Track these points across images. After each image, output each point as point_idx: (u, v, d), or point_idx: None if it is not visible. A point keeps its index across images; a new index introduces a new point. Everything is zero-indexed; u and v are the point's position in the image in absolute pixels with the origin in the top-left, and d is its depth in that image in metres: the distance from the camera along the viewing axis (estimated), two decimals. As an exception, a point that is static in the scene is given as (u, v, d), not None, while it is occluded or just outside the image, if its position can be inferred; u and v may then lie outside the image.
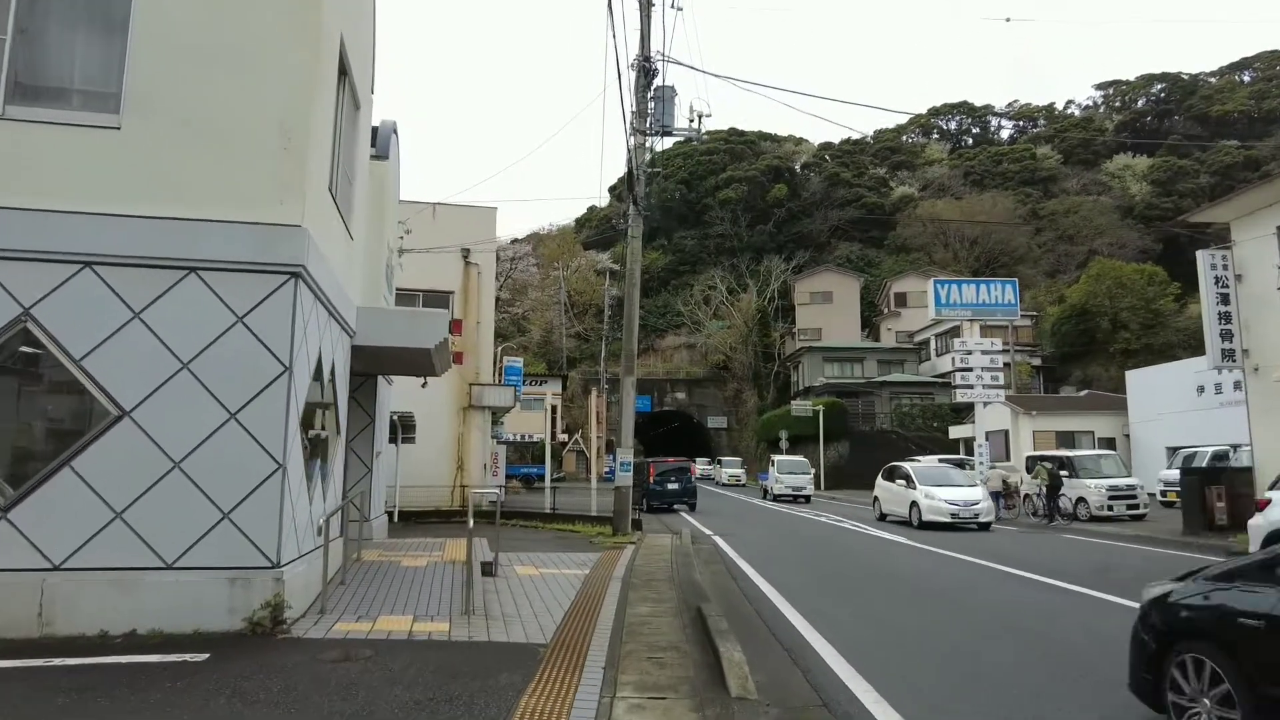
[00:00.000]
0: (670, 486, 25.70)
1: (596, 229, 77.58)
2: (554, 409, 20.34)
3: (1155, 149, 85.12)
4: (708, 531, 18.37)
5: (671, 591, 9.82)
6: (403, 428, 19.35)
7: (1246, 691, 3.98)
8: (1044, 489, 20.83)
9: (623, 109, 16.58)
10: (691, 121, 17.14)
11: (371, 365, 12.29)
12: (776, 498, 32.01)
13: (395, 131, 14.89)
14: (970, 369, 29.98)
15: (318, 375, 8.31)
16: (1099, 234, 70.75)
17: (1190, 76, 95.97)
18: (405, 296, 21.36)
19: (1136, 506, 19.37)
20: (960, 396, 30.04)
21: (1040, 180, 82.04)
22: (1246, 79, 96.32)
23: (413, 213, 21.50)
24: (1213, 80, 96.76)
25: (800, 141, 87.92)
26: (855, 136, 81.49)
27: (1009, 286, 31.06)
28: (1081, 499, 19.39)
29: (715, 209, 73.83)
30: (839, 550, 15.19)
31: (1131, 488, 19.56)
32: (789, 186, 77.69)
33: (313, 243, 7.48)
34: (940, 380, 46.39)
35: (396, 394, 19.90)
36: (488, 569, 10.47)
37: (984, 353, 30.18)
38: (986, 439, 30.46)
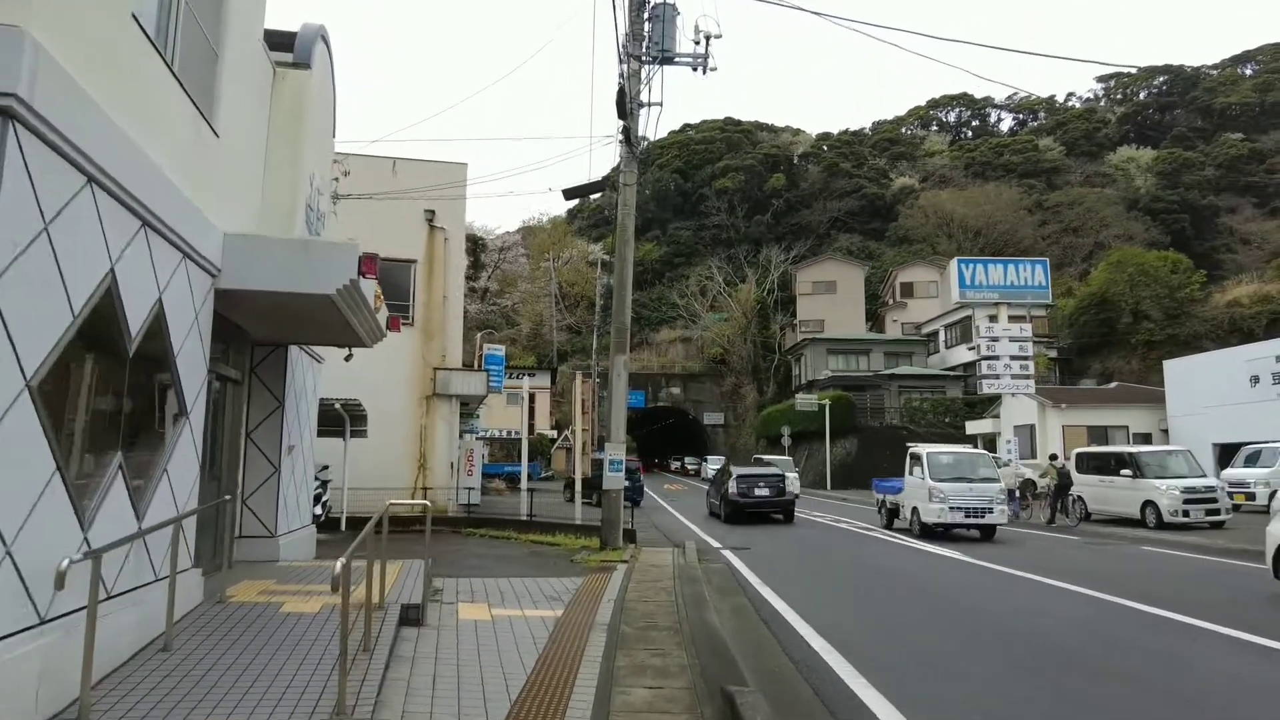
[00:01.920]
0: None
1: (589, 219, 74.37)
2: (532, 397, 17.03)
3: (1161, 140, 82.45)
4: (715, 544, 15.09)
5: (680, 651, 6.54)
6: (350, 419, 16.04)
7: (712, 496, 23.32)
8: (1051, 488, 19.27)
9: (615, 27, 13.30)
10: (697, 44, 13.85)
11: (265, 325, 8.97)
12: (932, 530, 15.94)
13: (325, 40, 11.55)
14: (997, 357, 26.91)
15: (106, 316, 5.01)
16: (1104, 226, 68.02)
17: (1192, 69, 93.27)
18: (359, 266, 18.01)
19: (1217, 512, 16.16)
20: (987, 387, 26.96)
21: (1043, 172, 79.15)
22: (1249, 72, 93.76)
23: (369, 167, 18.21)
24: (1214, 73, 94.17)
25: (798, 132, 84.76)
26: (852, 128, 78.40)
27: (1039, 267, 27.99)
28: (1150, 503, 16.17)
29: (711, 199, 70.50)
30: (881, 570, 11.96)
31: (1211, 489, 16.35)
32: (787, 177, 74.48)
33: (56, 69, 4.16)
34: (952, 373, 43.27)
35: (339, 377, 16.57)
36: (412, 615, 7.18)
37: (1012, 339, 27.11)
38: (1015, 434, 27.35)
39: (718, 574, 11.20)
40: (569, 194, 13.44)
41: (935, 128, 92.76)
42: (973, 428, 34.95)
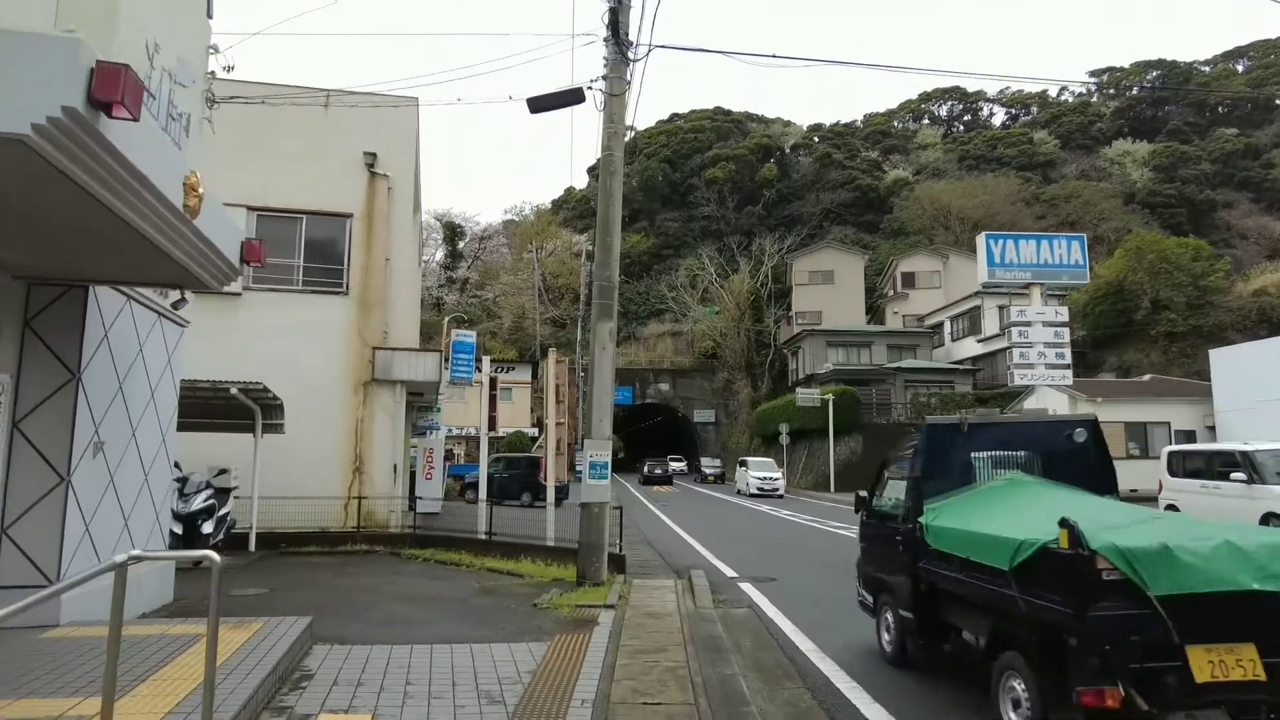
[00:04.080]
0: None
1: (574, 209, 70.71)
2: (494, 382, 13.43)
3: (1155, 135, 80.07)
4: (728, 571, 11.47)
5: None
6: (261, 410, 12.35)
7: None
8: None
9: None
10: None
11: (11, 242, 5.27)
12: None
13: None
14: (1030, 344, 23.53)
15: None
16: (1102, 219, 65.33)
17: (1185, 65, 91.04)
18: (279, 220, 14.34)
19: (1358, 527, 12.76)
20: (1019, 378, 23.56)
21: (1038, 165, 76.37)
22: (1240, 68, 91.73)
23: (296, 101, 14.53)
24: (1207, 69, 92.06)
25: (788, 124, 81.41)
26: (843, 120, 75.09)
27: (1075, 243, 24.63)
28: (1273, 515, 12.73)
29: (701, 189, 66.89)
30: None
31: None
32: (779, 167, 71.10)
33: None
34: (961, 367, 39.93)
35: (241, 354, 12.94)
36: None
37: (1046, 324, 23.75)
38: (1050, 431, 23.97)
39: (746, 630, 7.59)
40: (535, 105, 9.86)
41: (927, 121, 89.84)
42: (991, 424, 31.57)
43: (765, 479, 31.33)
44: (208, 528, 10.97)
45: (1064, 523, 4.02)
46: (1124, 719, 3.68)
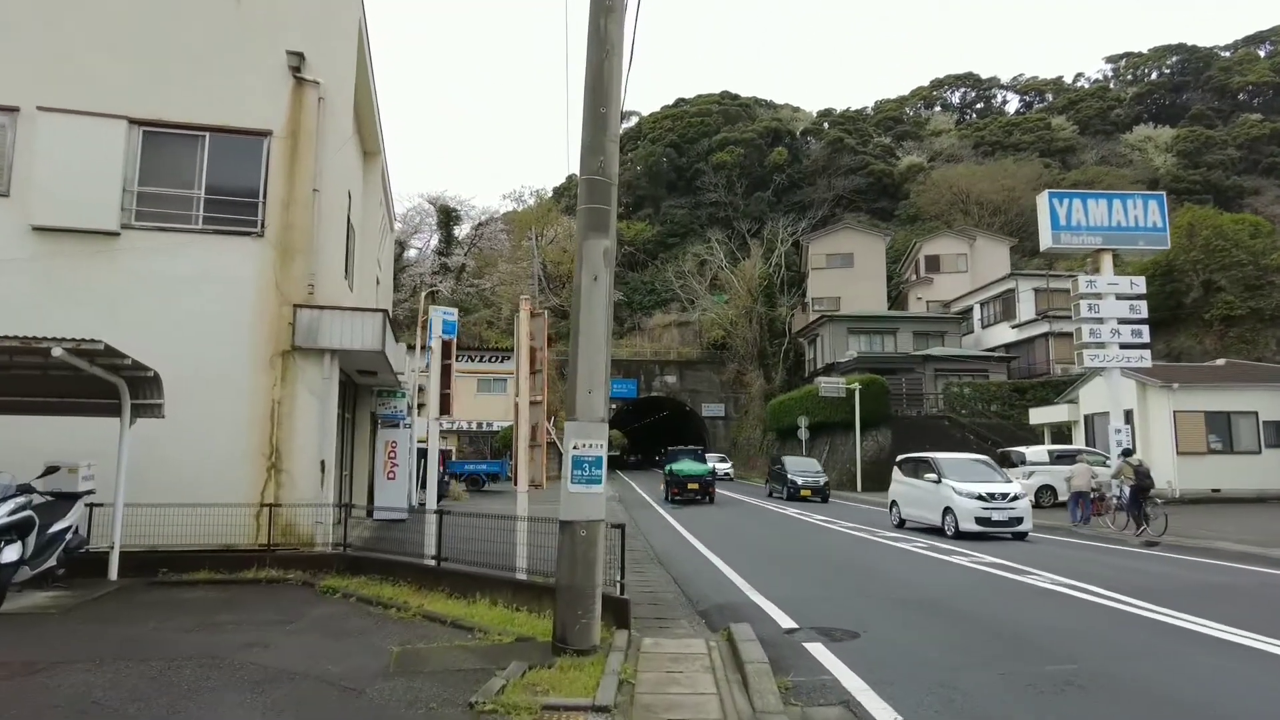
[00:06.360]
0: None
1: (576, 198, 67.15)
2: (445, 347, 9.73)
3: (1176, 120, 76.10)
4: (784, 620, 7.74)
5: None
6: (131, 386, 8.75)
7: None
8: (1125, 490, 15.91)
9: None
10: None
11: None
12: None
13: None
14: (1101, 320, 19.81)
15: None
16: (1127, 206, 61.30)
17: (1206, 49, 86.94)
18: (173, 138, 10.74)
19: None
20: (1089, 360, 19.85)
21: (1057, 151, 72.45)
22: (1263, 53, 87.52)
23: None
24: (1227, 54, 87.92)
25: (797, 109, 77.60)
26: (854, 106, 71.12)
27: (1153, 202, 20.84)
28: None
29: (708, 174, 63.12)
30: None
31: None
32: (789, 152, 67.31)
33: None
34: (995, 355, 36.17)
35: (120, 312, 9.41)
36: None
37: (1119, 297, 20.02)
38: (1126, 421, 20.22)
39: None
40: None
41: (939, 108, 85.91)
42: (1038, 416, 27.82)
43: (993, 503, 14.69)
44: (11, 554, 7.31)
45: (666, 466, 26.48)
46: (681, 497, 24.31)
